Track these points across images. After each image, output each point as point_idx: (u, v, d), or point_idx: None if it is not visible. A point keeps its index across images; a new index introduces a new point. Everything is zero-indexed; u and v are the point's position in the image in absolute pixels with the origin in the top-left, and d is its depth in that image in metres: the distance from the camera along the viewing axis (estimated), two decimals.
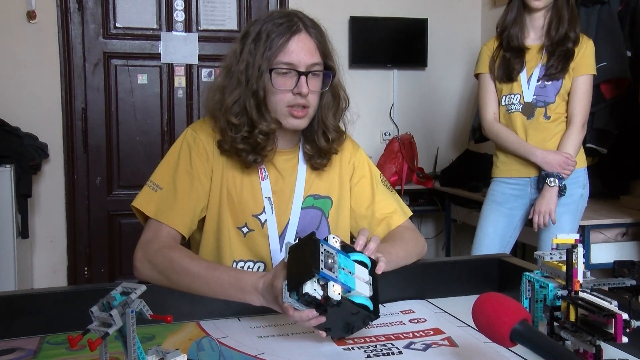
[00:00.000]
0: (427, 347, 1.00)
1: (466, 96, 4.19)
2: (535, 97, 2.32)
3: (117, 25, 3.60)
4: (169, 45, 3.66)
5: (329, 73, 1.28)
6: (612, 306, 0.83)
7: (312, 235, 0.97)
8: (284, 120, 1.27)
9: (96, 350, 0.68)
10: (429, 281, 1.29)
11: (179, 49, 3.67)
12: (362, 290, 0.98)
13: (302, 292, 0.92)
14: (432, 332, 1.07)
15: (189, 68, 3.72)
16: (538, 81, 2.31)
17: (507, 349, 0.93)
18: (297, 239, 1.00)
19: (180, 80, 3.70)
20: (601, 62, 2.59)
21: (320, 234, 1.33)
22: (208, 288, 1.10)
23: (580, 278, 0.93)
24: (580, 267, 0.93)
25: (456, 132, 4.22)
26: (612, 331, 0.80)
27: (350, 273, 0.98)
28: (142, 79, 3.65)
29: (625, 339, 0.80)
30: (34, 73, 3.47)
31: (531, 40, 2.35)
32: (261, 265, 1.33)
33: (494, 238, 2.43)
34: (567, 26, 2.27)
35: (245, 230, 1.31)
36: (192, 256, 1.17)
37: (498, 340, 0.79)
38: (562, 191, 2.27)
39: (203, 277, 1.10)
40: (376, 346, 1.00)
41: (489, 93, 2.43)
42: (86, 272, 3.62)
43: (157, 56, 3.65)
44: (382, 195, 1.41)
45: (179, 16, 3.67)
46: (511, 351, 0.95)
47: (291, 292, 0.94)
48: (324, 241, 0.97)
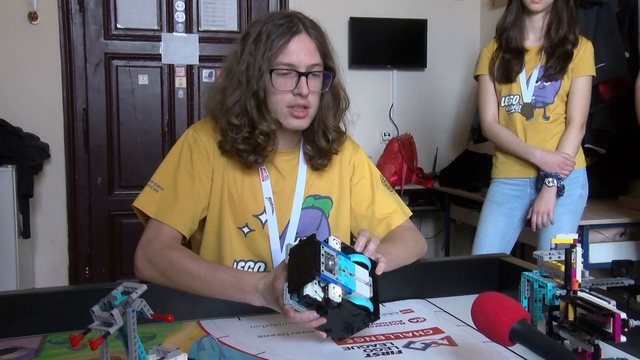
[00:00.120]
0: (426, 346, 1.01)
1: (465, 97, 4.19)
2: (534, 97, 2.32)
3: (118, 26, 3.60)
4: (169, 46, 3.66)
5: (329, 73, 1.29)
6: (611, 305, 0.83)
7: (312, 237, 0.97)
8: (285, 121, 1.27)
9: (97, 349, 0.68)
10: (428, 281, 1.29)
11: (180, 49, 3.68)
12: (363, 292, 0.98)
13: (302, 294, 0.92)
14: (431, 332, 1.07)
15: (189, 69, 3.72)
16: (537, 82, 2.31)
17: (506, 348, 0.93)
18: (298, 240, 1.00)
19: (180, 81, 3.71)
20: (600, 62, 2.60)
21: (320, 234, 1.34)
22: (208, 288, 1.10)
23: (578, 278, 0.93)
24: (579, 266, 0.93)
25: (455, 133, 4.22)
26: (610, 330, 0.80)
27: (351, 275, 0.98)
28: (142, 79, 3.66)
29: (623, 338, 0.80)
30: (36, 74, 3.47)
31: (530, 41, 2.36)
32: (262, 265, 1.33)
33: (494, 238, 2.43)
34: (566, 28, 2.27)
35: (245, 230, 1.31)
36: (192, 256, 1.17)
37: (497, 340, 0.79)
38: (560, 191, 2.27)
39: (203, 277, 1.11)
40: (376, 345, 1.01)
41: (488, 94, 2.43)
42: (87, 271, 3.63)
43: (157, 57, 3.66)
44: (382, 195, 1.41)
45: (179, 17, 3.68)
46: (510, 350, 0.95)
47: (292, 294, 0.94)
48: (324, 243, 0.97)
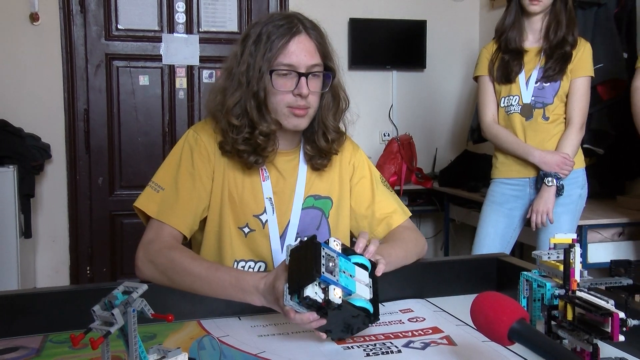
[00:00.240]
0: (426, 345, 1.01)
1: (464, 97, 4.19)
2: (533, 98, 2.32)
3: (119, 27, 3.61)
4: (170, 46, 3.67)
5: (329, 74, 1.29)
6: (609, 305, 0.83)
7: (313, 238, 0.97)
8: (285, 121, 1.27)
9: (98, 348, 0.68)
10: (427, 280, 1.30)
11: (180, 50, 3.68)
12: (363, 293, 0.98)
13: (303, 296, 0.92)
14: (430, 331, 1.08)
15: (190, 69, 3.72)
16: (536, 83, 2.32)
17: (505, 347, 0.93)
18: (299, 241, 1.01)
19: (181, 82, 3.71)
20: (598, 63, 2.60)
21: (320, 234, 1.34)
22: (209, 288, 1.11)
23: (577, 277, 0.93)
24: (578, 266, 0.93)
25: (455, 133, 4.23)
26: (608, 330, 0.80)
27: (351, 276, 0.98)
28: (143, 80, 3.66)
29: (621, 338, 0.80)
30: (37, 74, 3.48)
31: (529, 43, 2.36)
32: (262, 265, 1.34)
33: (494, 238, 2.43)
34: (565, 30, 2.27)
35: (246, 230, 1.32)
36: (193, 256, 1.17)
37: (496, 339, 0.79)
38: (559, 191, 2.28)
39: (204, 277, 1.11)
40: (375, 345, 1.01)
41: (488, 95, 2.43)
42: (88, 271, 3.63)
43: (158, 58, 3.66)
44: (382, 196, 1.42)
45: (180, 18, 3.68)
46: (509, 350, 0.95)
47: (292, 295, 0.94)
48: (324, 244, 0.98)
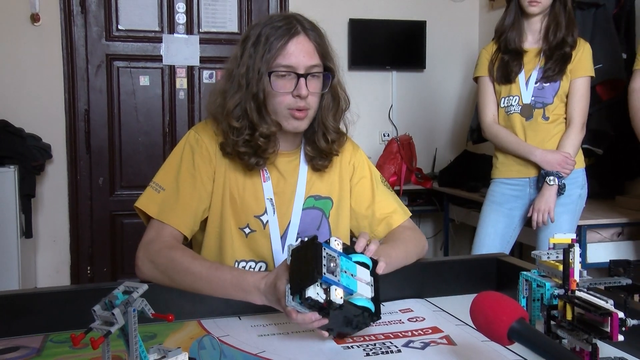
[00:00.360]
0: (425, 345, 1.01)
1: (464, 97, 4.19)
2: (533, 98, 2.33)
3: (120, 27, 3.61)
4: (170, 47, 3.67)
5: (329, 74, 1.29)
6: (608, 305, 0.83)
7: (314, 238, 0.97)
8: (285, 122, 1.27)
9: (99, 348, 0.68)
10: (427, 280, 1.30)
11: (181, 51, 3.69)
12: (364, 292, 0.98)
13: (305, 297, 0.93)
14: (430, 331, 1.08)
15: (190, 70, 3.73)
16: (536, 83, 2.32)
17: (505, 347, 0.93)
18: (300, 241, 1.00)
19: (181, 82, 3.72)
20: (597, 64, 2.59)
21: (321, 234, 1.34)
22: (210, 288, 1.11)
23: (576, 277, 0.93)
24: (577, 266, 0.93)
25: (454, 133, 4.23)
26: (608, 330, 0.80)
27: (352, 275, 0.98)
28: (144, 80, 3.67)
29: (621, 338, 0.80)
30: (38, 75, 3.48)
31: (529, 43, 2.36)
32: (263, 265, 1.34)
33: (494, 238, 2.44)
34: (564, 31, 2.28)
35: (247, 230, 1.32)
36: (194, 256, 1.18)
37: (496, 339, 0.79)
38: (561, 190, 2.28)
39: (205, 277, 1.11)
40: (375, 344, 1.01)
41: (488, 95, 2.44)
42: (89, 271, 3.64)
43: (158, 58, 3.67)
44: (382, 196, 1.42)
45: (180, 19, 3.68)
46: (509, 349, 0.95)
47: (294, 295, 0.94)
48: (325, 244, 0.97)
